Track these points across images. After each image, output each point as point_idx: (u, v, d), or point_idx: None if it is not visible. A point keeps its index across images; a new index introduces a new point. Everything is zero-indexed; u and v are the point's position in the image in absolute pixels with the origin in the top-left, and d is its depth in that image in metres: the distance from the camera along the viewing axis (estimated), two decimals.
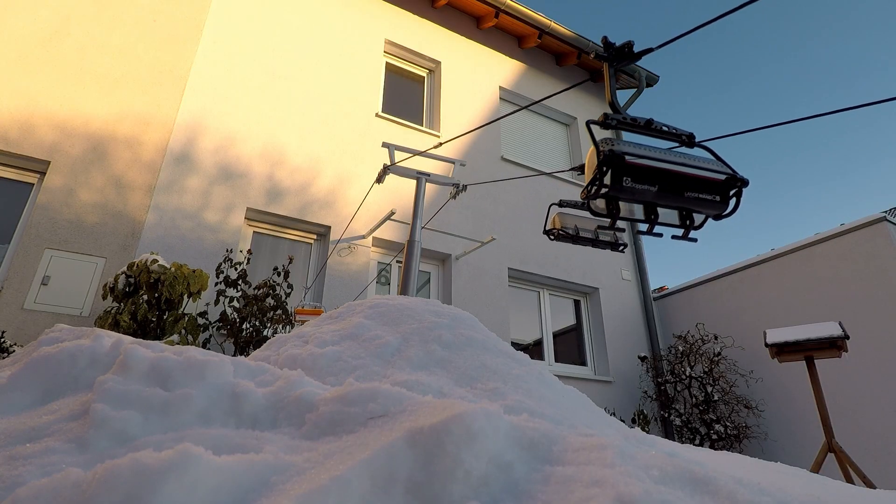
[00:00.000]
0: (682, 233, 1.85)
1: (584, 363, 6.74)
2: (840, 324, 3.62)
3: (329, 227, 5.49)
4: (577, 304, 7.10)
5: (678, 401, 6.31)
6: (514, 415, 1.15)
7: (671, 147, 1.86)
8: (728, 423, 5.84)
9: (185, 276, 3.82)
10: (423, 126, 6.85)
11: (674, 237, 1.86)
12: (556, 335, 6.73)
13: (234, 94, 5.51)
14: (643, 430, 5.52)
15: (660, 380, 6.43)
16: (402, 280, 3.17)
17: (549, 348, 6.51)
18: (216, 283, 4.40)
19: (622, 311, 7.05)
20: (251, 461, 0.86)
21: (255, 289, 4.31)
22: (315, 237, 5.64)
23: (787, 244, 6.29)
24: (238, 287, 4.34)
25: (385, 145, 3.88)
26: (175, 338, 3.68)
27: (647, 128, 1.86)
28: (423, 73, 7.34)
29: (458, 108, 7.04)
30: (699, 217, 1.84)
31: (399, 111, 6.74)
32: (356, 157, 5.96)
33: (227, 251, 4.58)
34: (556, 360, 6.51)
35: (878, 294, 5.28)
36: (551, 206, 3.30)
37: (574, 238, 2.24)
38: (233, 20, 5.82)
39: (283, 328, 4.25)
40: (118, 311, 3.67)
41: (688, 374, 6.17)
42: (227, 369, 1.26)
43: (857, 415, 5.15)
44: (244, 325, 4.13)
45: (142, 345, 1.45)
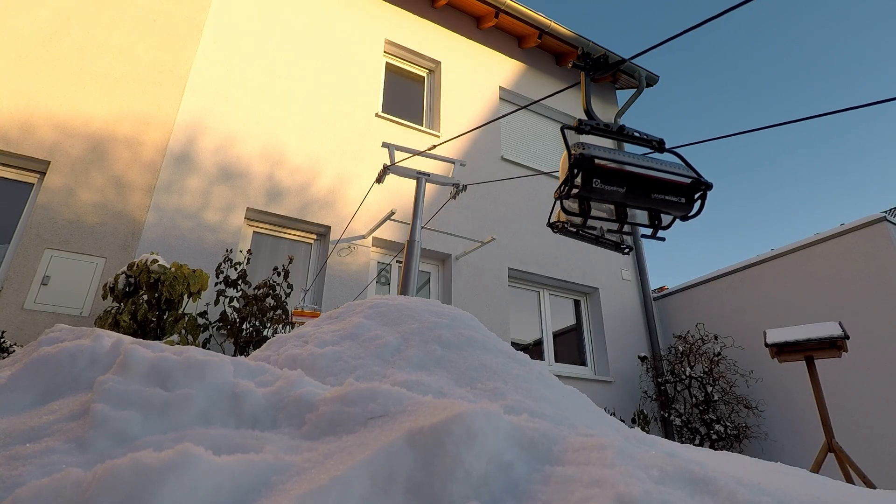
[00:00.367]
0: (651, 232, 1.97)
1: (584, 363, 6.74)
2: (840, 324, 3.62)
3: (329, 227, 5.49)
4: (577, 304, 7.10)
5: (678, 401, 6.31)
6: (515, 415, 1.15)
7: (645, 153, 1.99)
8: (728, 423, 5.84)
9: (185, 276, 3.82)
10: (422, 126, 6.85)
11: (643, 236, 2.01)
12: (556, 335, 6.73)
13: (234, 94, 5.51)
14: (643, 430, 5.52)
15: (660, 380, 6.43)
16: (402, 280, 3.16)
17: (549, 348, 6.51)
18: (216, 283, 4.40)
19: (622, 311, 7.05)
20: (251, 461, 0.86)
21: (255, 289, 4.31)
22: (315, 237, 5.65)
23: (787, 244, 6.29)
24: (238, 287, 4.34)
25: (385, 145, 3.88)
26: (175, 338, 3.68)
27: (620, 133, 1.97)
28: (423, 73, 7.34)
29: (458, 108, 7.04)
30: (667, 217, 1.96)
31: (399, 111, 6.74)
32: (356, 157, 5.96)
33: (227, 251, 4.58)
34: (556, 360, 6.51)
35: (878, 294, 5.28)
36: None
37: (578, 234, 2.25)
38: (233, 20, 5.82)
39: (283, 328, 4.25)
40: (118, 311, 3.67)
41: (688, 374, 6.17)
42: (227, 369, 1.26)
43: (857, 415, 5.15)
44: (244, 325, 4.13)
45: (142, 345, 1.45)
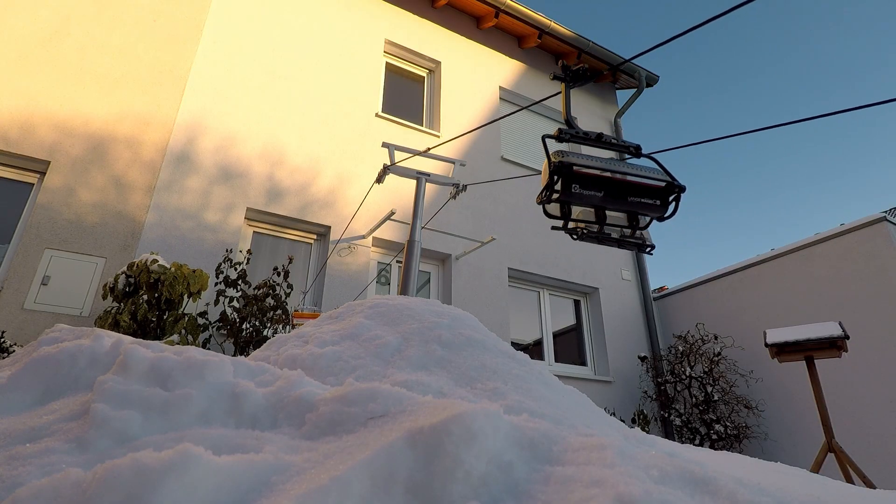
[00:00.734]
0: (630, 232, 2.08)
1: (584, 363, 6.74)
2: (840, 324, 3.62)
3: (329, 227, 5.49)
4: (577, 304, 7.10)
5: (678, 401, 6.31)
6: (515, 415, 1.15)
7: (623, 158, 2.09)
8: (728, 423, 5.84)
9: (185, 276, 3.82)
10: (423, 126, 6.85)
11: (590, 238, 2.11)
12: (556, 335, 6.73)
13: (234, 94, 5.51)
14: (643, 430, 5.52)
15: (660, 380, 6.43)
16: (402, 280, 3.16)
17: (549, 348, 6.51)
18: (216, 283, 4.40)
19: (622, 311, 7.05)
20: (251, 461, 0.86)
21: (255, 289, 4.31)
22: (315, 237, 5.65)
23: (787, 244, 6.30)
24: (238, 287, 4.34)
25: (385, 145, 3.88)
26: (175, 338, 3.68)
27: (598, 141, 2.07)
28: (423, 73, 7.35)
29: (458, 108, 7.04)
30: (644, 219, 2.08)
31: (399, 111, 6.74)
32: (356, 157, 5.96)
33: (227, 251, 4.58)
34: (556, 360, 6.51)
35: (878, 294, 5.28)
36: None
37: (598, 238, 2.30)
38: (233, 20, 5.83)
39: (283, 328, 4.25)
40: (118, 311, 3.67)
41: (688, 374, 6.17)
42: (227, 369, 1.26)
43: (857, 415, 5.15)
44: (244, 325, 4.13)
45: (142, 345, 1.45)
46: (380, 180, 3.88)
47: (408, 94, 7.13)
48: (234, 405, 1.17)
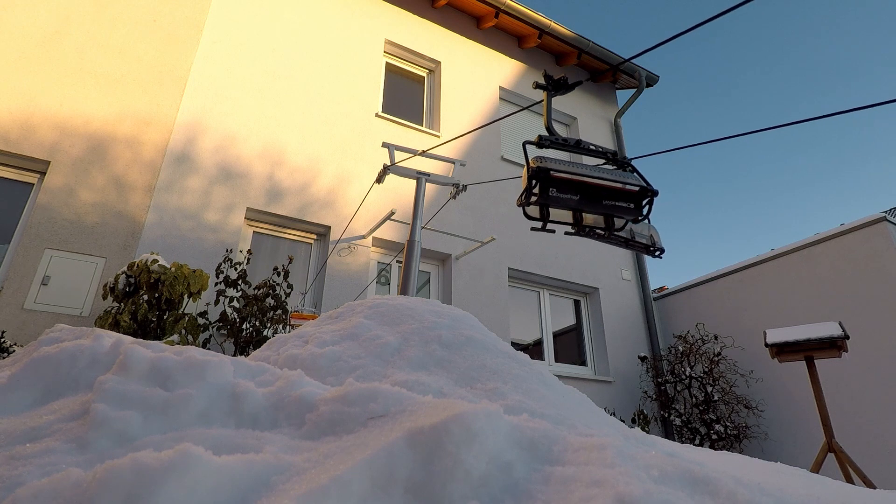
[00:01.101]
0: (606, 233, 2.18)
1: (584, 363, 6.74)
2: (840, 324, 3.62)
3: (329, 227, 5.49)
4: (577, 304, 7.10)
5: (678, 401, 6.31)
6: (514, 415, 1.15)
7: (598, 163, 2.18)
8: (728, 423, 5.84)
9: (186, 276, 3.82)
10: (423, 126, 6.85)
11: (598, 237, 2.23)
12: (556, 335, 6.73)
13: (234, 94, 5.51)
14: (643, 430, 5.52)
15: (660, 380, 6.43)
16: (402, 280, 3.16)
17: (549, 348, 6.51)
18: (216, 283, 4.40)
19: (622, 311, 7.05)
20: (251, 461, 0.86)
21: (255, 289, 4.31)
22: (315, 237, 5.65)
23: (787, 244, 6.29)
24: (238, 287, 4.34)
25: (385, 145, 3.88)
26: (175, 338, 3.68)
27: (577, 147, 2.16)
28: (423, 73, 7.35)
29: (458, 108, 7.04)
30: (620, 221, 2.16)
31: (399, 111, 6.74)
32: (356, 157, 5.96)
33: (227, 251, 4.58)
34: (556, 360, 6.51)
35: (878, 294, 5.28)
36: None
37: (606, 238, 2.36)
38: (233, 20, 5.83)
39: (283, 328, 4.25)
40: (118, 311, 3.67)
41: (688, 374, 6.17)
42: (227, 369, 1.26)
43: (857, 415, 5.15)
44: (244, 325, 4.13)
45: (142, 345, 1.45)
46: (380, 180, 3.88)
47: (408, 94, 7.13)
48: (234, 405, 1.17)
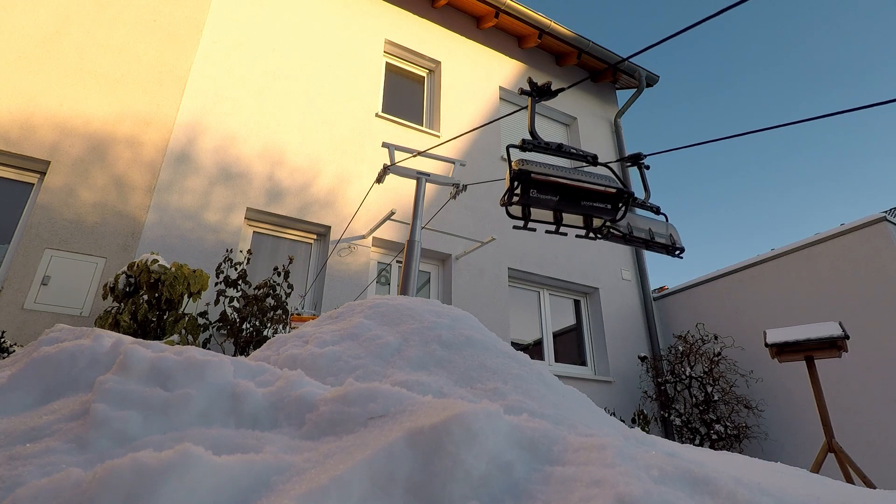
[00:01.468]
0: (585, 232, 2.30)
1: (584, 363, 6.74)
2: (840, 324, 3.62)
3: (329, 227, 5.49)
4: (577, 304, 7.10)
5: (678, 401, 6.31)
6: (515, 415, 1.15)
7: (578, 166, 2.29)
8: (728, 423, 5.84)
9: (186, 276, 3.82)
10: (423, 126, 6.85)
11: (577, 236, 2.34)
12: (556, 335, 6.73)
13: (234, 94, 5.51)
14: (643, 430, 5.52)
15: (660, 380, 6.43)
16: (402, 280, 3.16)
17: (549, 348, 6.51)
18: (216, 283, 4.40)
19: (622, 311, 7.05)
20: (251, 461, 0.86)
21: (255, 289, 4.31)
22: (315, 237, 5.65)
23: (787, 244, 6.29)
24: (238, 287, 4.34)
25: (385, 145, 3.88)
26: (175, 338, 3.68)
27: (559, 150, 2.25)
28: (423, 73, 7.35)
29: (458, 108, 7.04)
30: (598, 221, 2.28)
31: (399, 111, 6.74)
32: (356, 157, 5.96)
33: (227, 251, 4.58)
34: (556, 360, 6.51)
35: (878, 294, 5.28)
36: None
37: (626, 239, 2.44)
38: (233, 20, 5.83)
39: (284, 328, 4.25)
40: (118, 311, 3.67)
41: (688, 374, 6.17)
42: (227, 369, 1.26)
43: (857, 415, 5.15)
44: (244, 325, 4.13)
45: (142, 345, 1.45)
46: (380, 180, 3.88)
47: (408, 93, 7.13)
48: (234, 405, 1.17)
